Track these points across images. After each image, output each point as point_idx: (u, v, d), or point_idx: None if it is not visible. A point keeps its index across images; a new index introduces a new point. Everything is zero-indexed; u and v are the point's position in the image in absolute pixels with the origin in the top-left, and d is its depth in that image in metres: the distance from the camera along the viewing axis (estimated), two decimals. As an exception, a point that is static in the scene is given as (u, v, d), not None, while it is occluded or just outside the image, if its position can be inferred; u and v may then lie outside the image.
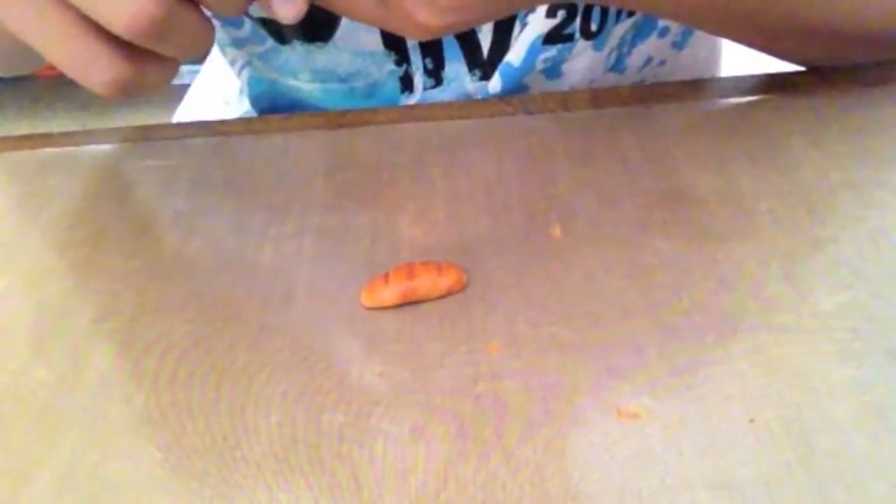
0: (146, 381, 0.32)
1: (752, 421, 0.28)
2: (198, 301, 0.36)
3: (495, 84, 0.53)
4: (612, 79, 0.56)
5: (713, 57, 0.63)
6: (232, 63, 0.59)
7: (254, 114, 0.62)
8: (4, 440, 0.30)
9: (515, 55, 0.52)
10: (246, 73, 0.58)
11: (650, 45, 0.56)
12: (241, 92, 0.64)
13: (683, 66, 0.59)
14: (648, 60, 0.57)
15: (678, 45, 0.58)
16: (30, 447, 0.30)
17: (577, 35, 0.52)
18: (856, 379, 0.29)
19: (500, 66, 0.53)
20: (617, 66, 0.56)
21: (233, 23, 0.54)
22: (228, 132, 0.47)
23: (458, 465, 0.28)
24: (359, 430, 0.29)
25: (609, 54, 0.54)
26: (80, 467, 0.29)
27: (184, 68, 0.35)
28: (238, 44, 0.56)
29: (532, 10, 0.51)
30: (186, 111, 0.72)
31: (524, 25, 0.51)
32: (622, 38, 0.54)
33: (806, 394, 0.29)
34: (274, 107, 0.60)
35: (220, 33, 0.56)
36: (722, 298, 0.33)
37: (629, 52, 0.56)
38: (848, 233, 0.35)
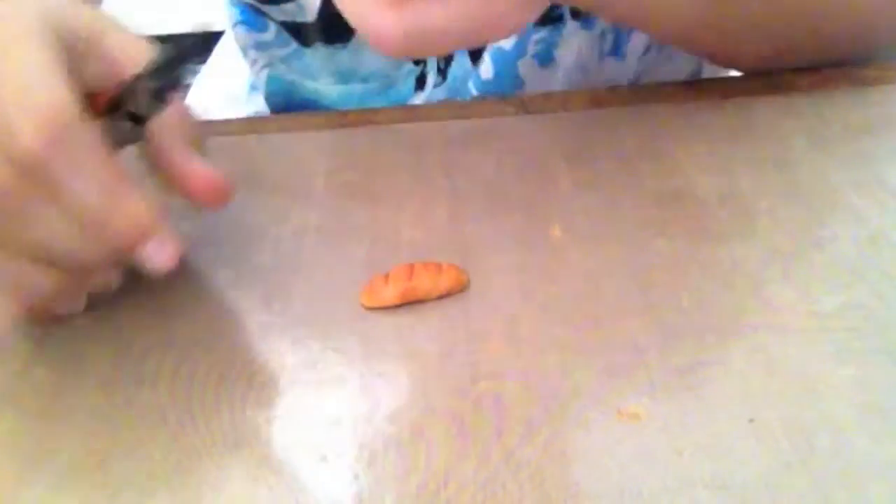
0: (146, 381, 0.32)
1: (752, 421, 0.28)
2: (198, 301, 0.36)
3: (487, 69, 0.53)
4: (611, 66, 0.56)
5: None
6: (252, 63, 0.59)
7: (263, 111, 0.62)
8: (5, 440, 0.30)
9: (507, 39, 0.52)
10: (265, 72, 0.59)
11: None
12: (251, 88, 0.64)
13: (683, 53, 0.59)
14: (648, 48, 0.57)
15: None
16: (30, 447, 0.30)
17: (567, 17, 0.52)
18: (856, 379, 0.29)
19: (491, 52, 0.53)
20: (616, 52, 0.56)
21: (257, 26, 0.55)
22: (228, 132, 0.47)
23: (458, 465, 0.28)
24: (359, 430, 0.29)
25: (602, 36, 0.54)
26: (80, 467, 0.29)
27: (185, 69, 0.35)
28: (262, 47, 0.57)
29: None
30: (192, 103, 0.72)
31: None
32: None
33: (806, 394, 0.29)
34: (287, 104, 0.60)
35: (245, 37, 0.56)
36: (722, 298, 0.33)
37: (629, 39, 0.56)
38: (848, 233, 0.35)
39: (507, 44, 0.52)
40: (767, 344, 0.31)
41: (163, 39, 0.32)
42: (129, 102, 0.31)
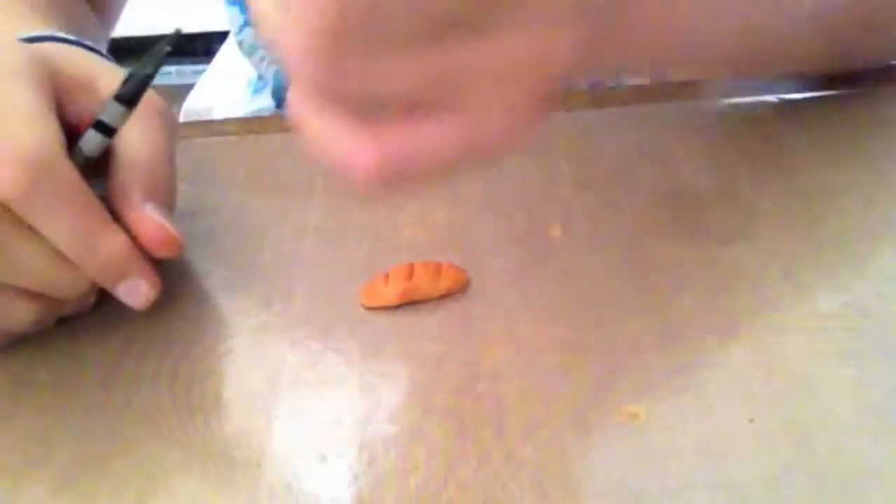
0: (146, 381, 0.32)
1: (752, 421, 0.28)
2: (198, 301, 0.36)
3: None
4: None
5: None
6: (260, 60, 0.60)
7: (264, 109, 0.62)
8: (5, 440, 0.30)
9: None
10: (273, 66, 0.59)
11: None
12: (253, 91, 0.65)
13: None
14: None
15: None
16: (30, 447, 0.30)
17: None
18: (856, 379, 0.29)
19: None
20: None
21: None
22: (228, 132, 0.47)
23: (458, 465, 0.28)
24: (359, 430, 0.29)
25: None
26: (80, 467, 0.29)
27: (187, 68, 0.36)
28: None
29: None
30: (195, 103, 0.73)
31: None
32: None
33: (806, 394, 0.29)
34: None
35: (253, 37, 0.57)
36: (722, 298, 0.33)
37: None
38: (848, 233, 0.35)
39: None
40: (767, 344, 0.31)
41: (178, 39, 0.32)
42: (101, 111, 0.32)
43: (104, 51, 0.38)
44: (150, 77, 0.31)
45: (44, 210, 0.29)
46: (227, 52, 0.73)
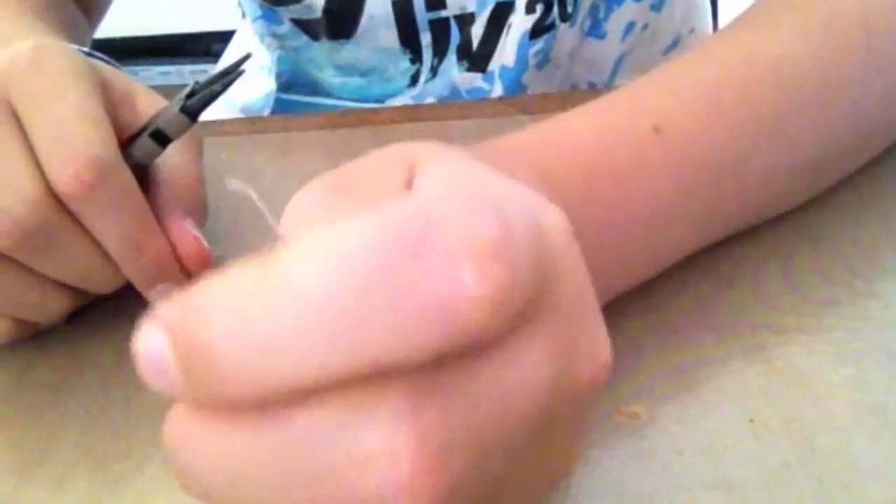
0: (146, 381, 0.32)
1: (752, 421, 0.28)
2: (198, 301, 0.36)
3: (497, 89, 0.56)
4: (594, 46, 0.58)
5: (689, 11, 0.64)
6: (268, 46, 0.61)
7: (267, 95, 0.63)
8: (5, 440, 0.30)
9: (509, 57, 0.55)
10: (277, 53, 0.61)
11: (628, 10, 0.57)
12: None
13: (664, 27, 0.61)
14: (630, 27, 0.58)
15: (657, 7, 0.59)
16: (30, 447, 0.30)
17: (557, 22, 0.54)
18: (856, 379, 0.29)
19: (498, 71, 0.56)
20: (595, 31, 0.58)
21: (274, 20, 0.58)
22: (228, 132, 0.47)
23: (457, 465, 0.28)
24: (359, 429, 0.29)
25: (582, 23, 0.56)
26: (79, 467, 0.29)
27: (186, 68, 0.36)
28: (277, 37, 0.60)
29: (513, 10, 0.53)
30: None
31: (509, 27, 0.54)
32: (593, 4, 0.56)
33: (806, 394, 0.29)
34: (293, 82, 0.62)
35: (264, 28, 0.59)
36: (722, 298, 0.33)
37: (606, 18, 0.57)
38: (848, 232, 0.35)
39: (510, 61, 0.55)
40: (767, 344, 0.31)
41: (178, 39, 0.32)
42: (160, 120, 0.32)
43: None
44: (218, 94, 0.32)
45: (101, 209, 0.30)
46: (231, 52, 0.73)
